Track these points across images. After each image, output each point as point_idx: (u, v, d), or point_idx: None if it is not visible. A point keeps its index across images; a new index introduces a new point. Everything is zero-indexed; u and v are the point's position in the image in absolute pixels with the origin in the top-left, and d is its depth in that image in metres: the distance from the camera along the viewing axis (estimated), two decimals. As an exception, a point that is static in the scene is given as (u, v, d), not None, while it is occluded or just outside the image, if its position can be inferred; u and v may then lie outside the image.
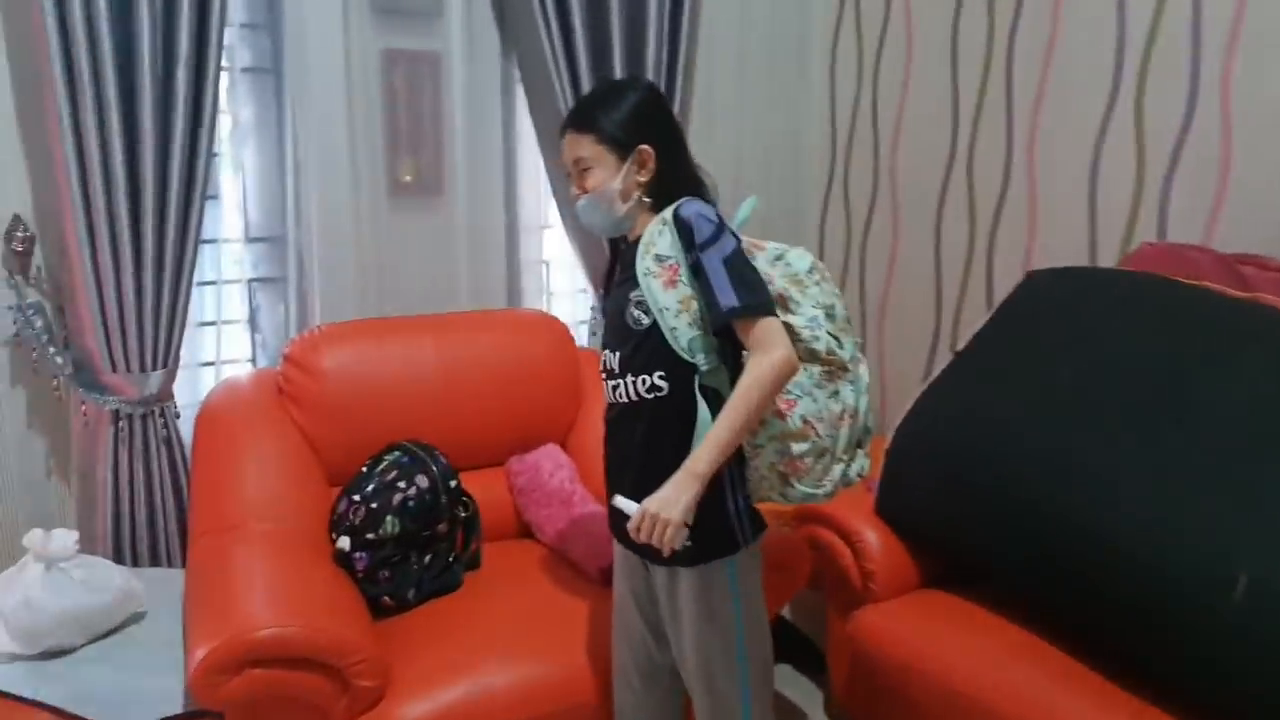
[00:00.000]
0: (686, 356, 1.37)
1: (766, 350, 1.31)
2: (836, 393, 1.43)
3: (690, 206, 1.38)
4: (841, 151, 2.99)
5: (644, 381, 1.41)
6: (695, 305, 1.36)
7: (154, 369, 2.00)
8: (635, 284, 1.40)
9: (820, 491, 1.45)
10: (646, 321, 1.39)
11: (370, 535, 1.77)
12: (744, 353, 1.36)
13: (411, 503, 1.80)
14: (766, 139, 2.92)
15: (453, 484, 1.87)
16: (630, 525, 1.33)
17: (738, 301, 1.31)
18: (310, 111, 2.19)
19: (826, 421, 1.41)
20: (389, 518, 1.78)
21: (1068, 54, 2.29)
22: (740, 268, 1.34)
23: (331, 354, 2.05)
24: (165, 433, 2.04)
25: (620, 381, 1.44)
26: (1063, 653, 1.63)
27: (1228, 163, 2.01)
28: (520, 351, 2.24)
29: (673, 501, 1.29)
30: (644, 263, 1.39)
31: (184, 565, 1.96)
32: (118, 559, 2.02)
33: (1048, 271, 1.98)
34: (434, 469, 1.86)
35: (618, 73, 2.45)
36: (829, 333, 1.42)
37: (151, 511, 2.05)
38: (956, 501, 1.78)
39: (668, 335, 1.37)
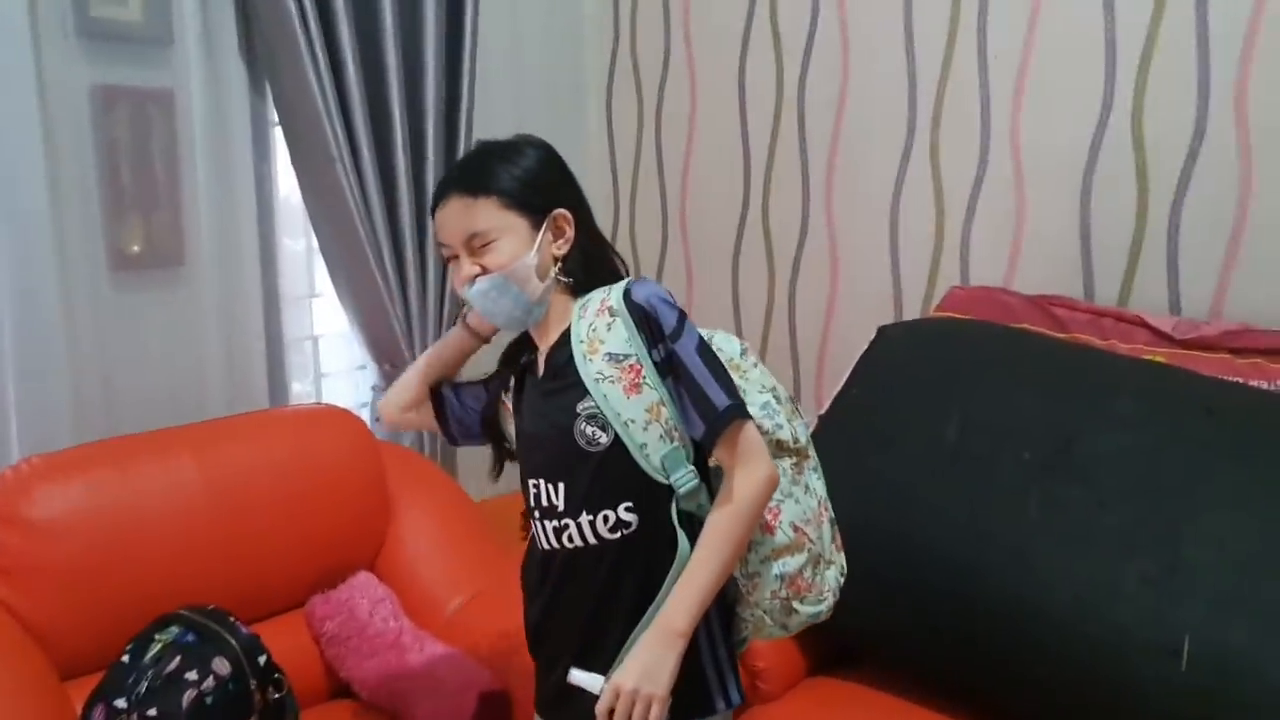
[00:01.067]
0: (660, 478, 1.11)
1: (750, 467, 1.10)
2: (808, 485, 1.24)
3: (643, 288, 1.13)
4: (625, 201, 2.84)
5: (606, 519, 1.12)
6: (665, 412, 1.10)
7: None
8: (581, 392, 1.11)
9: (823, 607, 1.25)
10: (605, 440, 1.10)
11: (155, 755, 1.29)
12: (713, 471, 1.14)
13: (210, 699, 1.34)
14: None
15: (261, 660, 1.42)
16: (601, 708, 1.04)
17: (729, 400, 1.08)
18: (-5, 169, 1.62)
19: (813, 522, 1.22)
20: (181, 726, 1.31)
21: (860, 104, 2.31)
22: (713, 358, 1.12)
23: (50, 496, 1.51)
24: None
25: (569, 522, 1.14)
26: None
27: (1022, 208, 2.10)
28: (310, 459, 1.81)
29: (655, 671, 1.04)
30: (592, 365, 1.10)
31: None
32: None
33: (900, 326, 1.95)
34: (233, 645, 1.40)
35: (396, 110, 2.12)
36: (785, 417, 1.21)
37: None
38: (859, 577, 1.64)
39: (636, 454, 1.10)
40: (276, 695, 1.45)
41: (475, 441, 1.34)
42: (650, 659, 1.06)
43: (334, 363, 2.34)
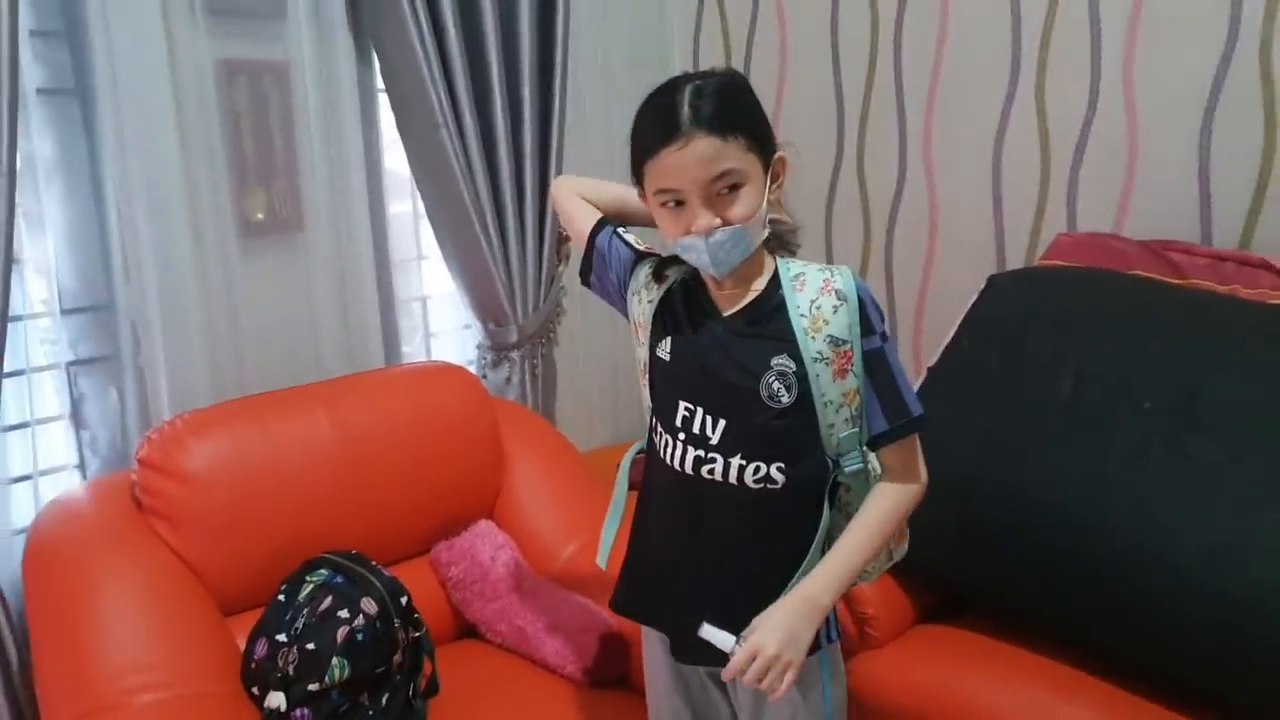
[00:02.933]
0: (831, 455, 1.15)
1: (914, 475, 1.19)
2: None
3: (859, 280, 1.14)
4: (716, 154, 2.83)
5: (757, 470, 1.15)
6: (858, 400, 1.14)
7: (-43, 505, 1.47)
8: (779, 347, 1.13)
9: (905, 547, 1.33)
10: (786, 400, 1.12)
11: (312, 686, 1.39)
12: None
13: (361, 636, 1.43)
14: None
15: (403, 601, 1.51)
16: (733, 667, 1.08)
17: (920, 411, 1.15)
18: (133, 141, 1.71)
19: None
20: (335, 660, 1.40)
21: (960, 45, 2.25)
22: (901, 372, 1.17)
23: (202, 450, 1.61)
24: (-20, 588, 1.52)
25: (717, 458, 1.15)
26: (1110, 684, 1.55)
27: (1134, 149, 2.03)
28: (431, 414, 1.89)
29: (799, 639, 1.09)
30: (813, 344, 1.11)
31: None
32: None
33: (1011, 274, 1.92)
34: (378, 586, 1.49)
35: (495, 75, 2.15)
36: None
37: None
38: (966, 529, 1.66)
39: (824, 430, 1.14)
40: (416, 634, 1.54)
41: (592, 285, 1.35)
42: (795, 627, 1.09)
43: (441, 323, 2.41)
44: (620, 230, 1.32)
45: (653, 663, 1.34)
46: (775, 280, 1.16)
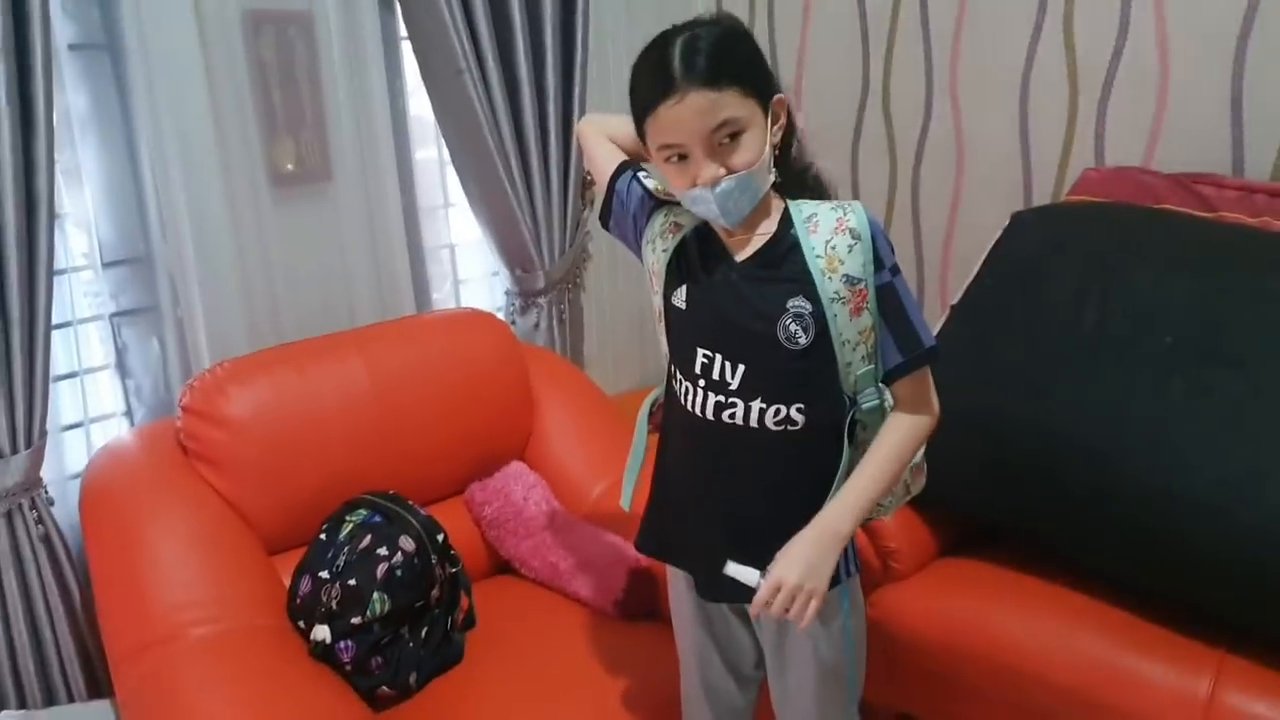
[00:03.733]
0: (848, 393, 1.17)
1: (928, 406, 1.20)
2: None
3: (871, 215, 1.14)
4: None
5: (778, 412, 1.16)
6: (874, 338, 1.15)
7: (15, 451, 1.54)
8: (794, 289, 1.13)
9: (923, 480, 1.35)
10: (804, 341, 1.13)
11: (355, 619, 1.46)
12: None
13: (400, 572, 1.49)
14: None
15: (440, 539, 1.57)
16: (758, 601, 1.12)
17: (932, 341, 1.15)
18: (163, 94, 1.74)
19: None
20: (376, 595, 1.47)
21: (989, -25, 2.20)
22: (916, 305, 1.17)
23: (243, 396, 1.67)
24: (42, 529, 1.60)
25: (737, 403, 1.17)
26: (1126, 612, 1.58)
27: (1165, 82, 2.00)
28: (463, 360, 1.93)
29: (820, 568, 1.11)
30: (830, 284, 1.11)
31: (94, 698, 1.57)
32: (-1, 702, 1.58)
33: (1035, 211, 1.91)
34: (415, 525, 1.55)
35: (518, 19, 2.14)
36: None
37: (36, 634, 1.61)
38: (989, 462, 1.69)
39: (841, 369, 1.15)
40: (453, 570, 1.61)
41: (611, 229, 1.36)
42: (815, 557, 1.12)
43: (469, 269, 2.44)
44: (641, 175, 1.32)
45: (678, 600, 1.38)
46: (786, 222, 1.16)
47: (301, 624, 1.52)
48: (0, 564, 1.56)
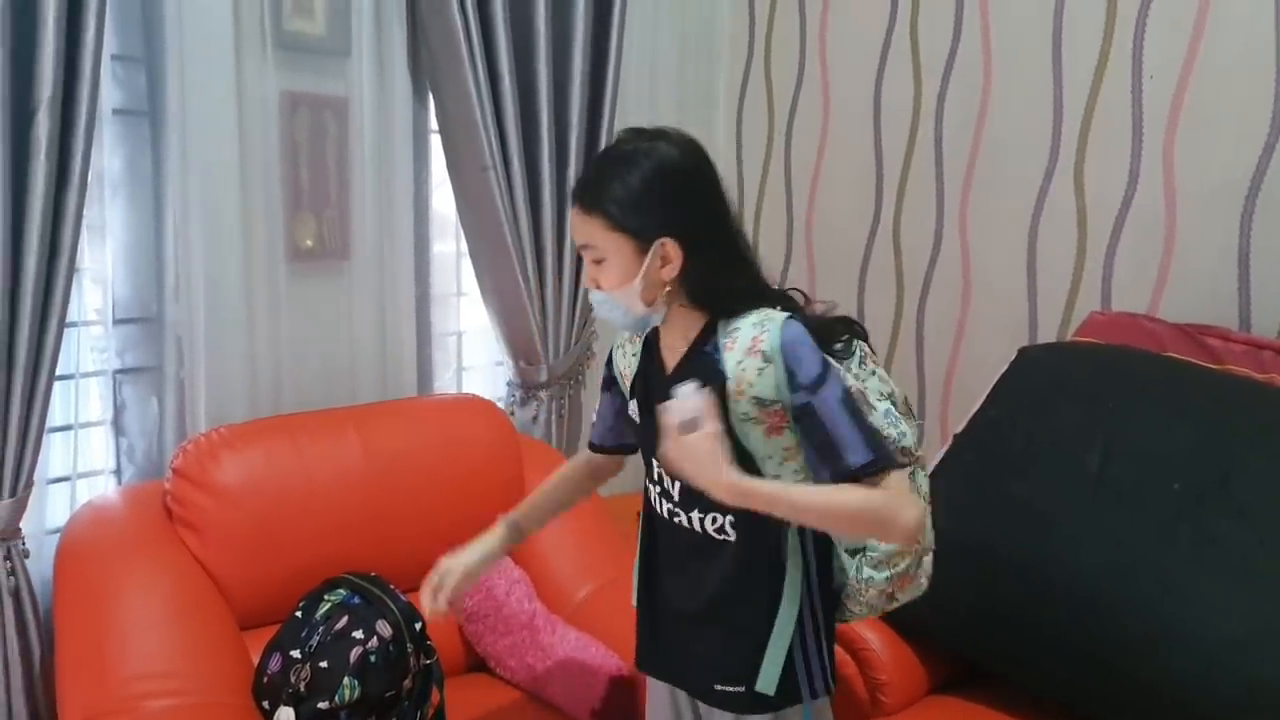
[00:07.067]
0: None
1: (904, 503, 1.13)
2: (920, 486, 1.26)
3: (791, 330, 1.11)
4: (750, 215, 2.88)
5: (713, 520, 1.19)
6: (801, 454, 1.14)
7: (0, 497, 1.52)
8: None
9: (919, 592, 1.30)
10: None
11: (322, 704, 1.41)
12: None
13: (374, 658, 1.45)
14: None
15: (418, 627, 1.53)
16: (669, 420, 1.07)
17: (869, 456, 1.08)
18: (196, 163, 1.79)
19: (922, 524, 1.24)
20: (347, 679, 1.42)
21: (1002, 119, 2.29)
22: (857, 410, 1.11)
23: (235, 464, 1.65)
24: (13, 581, 1.56)
25: (680, 512, 1.22)
26: (1123, 768, 1.52)
27: (1172, 233, 2.04)
28: (459, 445, 1.93)
29: (702, 460, 1.07)
30: (739, 406, 1.12)
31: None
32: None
33: (1042, 348, 1.92)
34: (394, 610, 1.51)
35: (545, 121, 2.22)
36: (906, 425, 1.23)
37: (-10, 689, 1.56)
38: (985, 598, 1.65)
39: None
40: (427, 661, 1.55)
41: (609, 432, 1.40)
42: (709, 458, 1.07)
43: (474, 358, 2.46)
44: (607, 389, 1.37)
45: (654, 709, 1.35)
46: (706, 337, 1.16)
47: (266, 704, 1.46)
48: (-35, 614, 1.52)
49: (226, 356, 1.87)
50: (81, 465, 1.78)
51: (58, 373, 1.62)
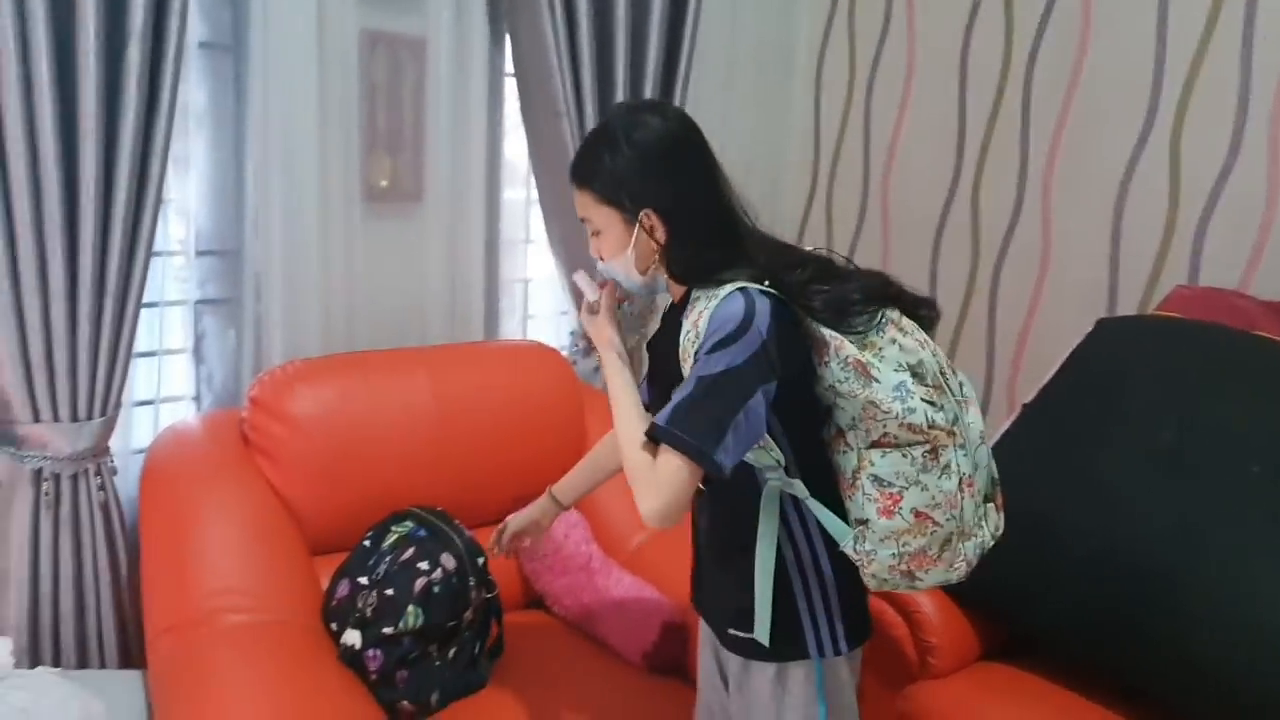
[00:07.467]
0: (756, 466, 1.18)
1: (645, 489, 1.10)
2: (947, 466, 1.18)
3: (726, 307, 1.11)
4: (825, 171, 2.83)
5: None
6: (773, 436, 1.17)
7: (90, 417, 1.59)
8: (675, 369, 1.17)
9: (953, 575, 1.25)
10: None
11: (387, 629, 1.46)
12: (840, 453, 1.19)
13: (437, 589, 1.49)
14: (748, 151, 2.71)
15: (480, 562, 1.57)
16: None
17: (662, 423, 1.09)
18: (277, 99, 1.81)
19: (943, 506, 1.18)
20: (412, 608, 1.47)
21: (1097, 79, 2.19)
22: (709, 391, 1.08)
23: (309, 396, 1.70)
24: (103, 495, 1.64)
25: None
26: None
27: (1273, 208, 1.95)
28: (521, 390, 1.95)
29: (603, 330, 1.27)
30: (685, 368, 1.14)
31: (124, 667, 1.59)
32: (32, 660, 1.60)
33: (1122, 320, 1.87)
34: (458, 544, 1.55)
35: (620, 69, 2.19)
36: (923, 399, 1.15)
37: (80, 597, 1.65)
38: (1045, 567, 1.63)
39: None
40: (488, 595, 1.60)
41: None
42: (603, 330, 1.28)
43: (539, 306, 2.47)
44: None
45: (701, 647, 1.39)
46: (682, 307, 1.20)
47: (334, 626, 1.52)
48: (61, 525, 1.60)
49: (302, 291, 1.91)
50: (164, 390, 1.85)
51: (143, 300, 1.68)
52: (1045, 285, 2.35)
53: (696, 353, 1.11)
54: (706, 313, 1.12)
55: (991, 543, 1.27)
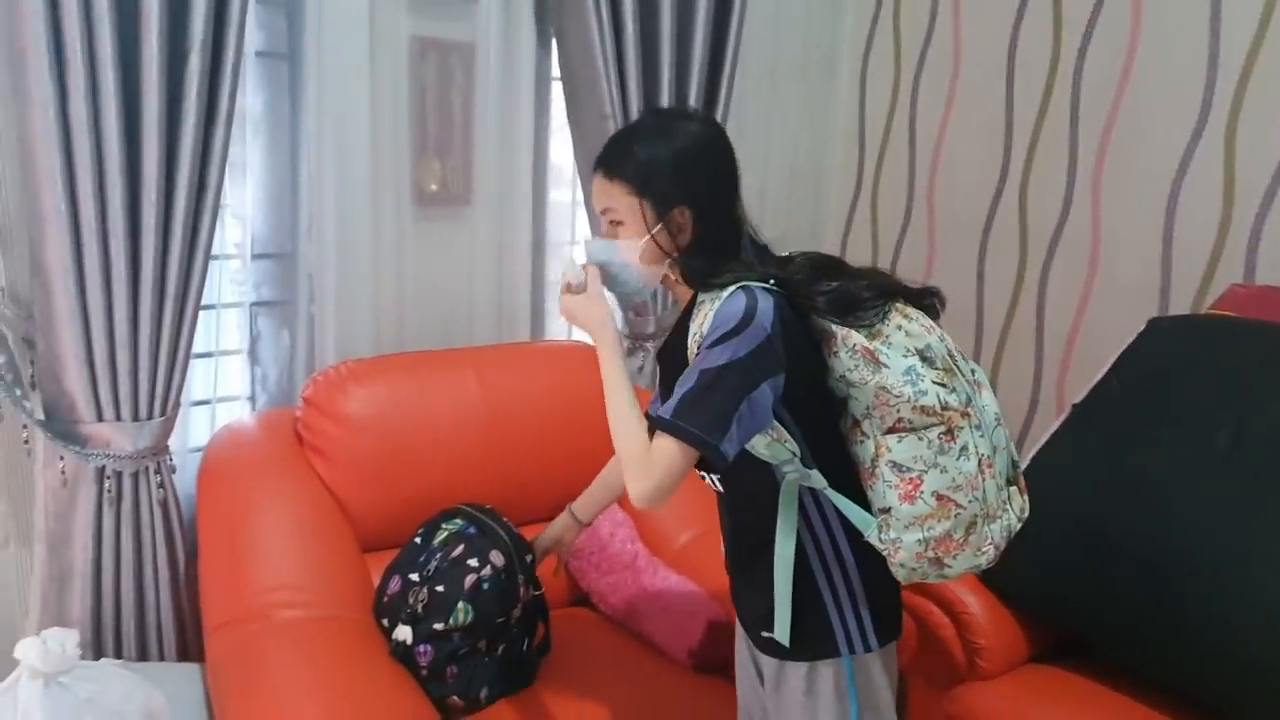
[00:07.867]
0: (773, 462, 1.18)
1: (636, 471, 1.13)
2: (964, 447, 1.18)
3: (729, 305, 1.13)
4: (870, 170, 2.81)
5: (712, 479, 1.27)
6: (781, 429, 1.17)
7: (151, 417, 1.64)
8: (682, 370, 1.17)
9: (982, 560, 1.23)
10: None
11: (438, 625, 1.48)
12: (857, 443, 1.19)
13: (486, 585, 1.52)
14: (792, 152, 2.71)
15: (529, 559, 1.59)
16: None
17: (667, 415, 1.11)
18: (330, 106, 1.86)
19: (965, 488, 1.18)
20: (462, 604, 1.49)
21: (1148, 74, 2.16)
22: (712, 384, 1.09)
23: (362, 396, 1.74)
24: (162, 493, 1.69)
25: (703, 473, 1.27)
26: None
27: (1334, 205, 1.91)
28: (568, 391, 1.97)
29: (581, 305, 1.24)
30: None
31: (182, 659, 1.63)
32: (95, 653, 1.65)
33: (1175, 319, 1.84)
34: (507, 542, 1.57)
35: (666, 73, 2.21)
36: (934, 381, 1.16)
37: (140, 591, 1.70)
38: (1095, 570, 1.61)
39: None
40: (535, 593, 1.62)
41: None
42: (581, 306, 1.25)
43: (585, 306, 2.49)
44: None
45: (738, 654, 1.41)
46: (690, 312, 1.21)
47: (385, 622, 1.55)
48: (122, 522, 1.66)
49: (354, 293, 1.96)
50: (220, 390, 1.90)
51: (201, 303, 1.73)
52: (1095, 284, 2.32)
53: (700, 348, 1.13)
54: (711, 312, 1.14)
55: (1019, 525, 1.26)
